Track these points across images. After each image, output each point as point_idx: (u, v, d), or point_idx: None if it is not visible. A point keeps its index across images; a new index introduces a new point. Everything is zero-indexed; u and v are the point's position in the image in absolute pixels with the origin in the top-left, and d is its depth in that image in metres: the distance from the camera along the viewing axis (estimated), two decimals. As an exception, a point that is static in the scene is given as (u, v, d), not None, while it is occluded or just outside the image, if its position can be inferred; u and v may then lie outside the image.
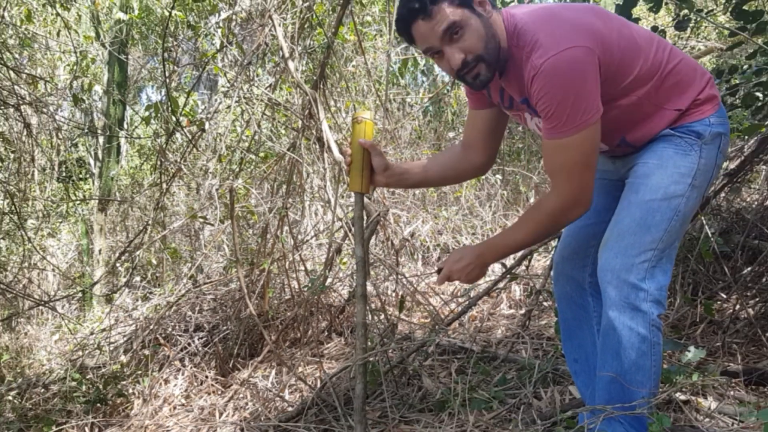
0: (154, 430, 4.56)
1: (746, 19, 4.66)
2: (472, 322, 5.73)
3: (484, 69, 2.63)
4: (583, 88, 2.49)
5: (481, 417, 3.61)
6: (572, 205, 2.70)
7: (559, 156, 2.64)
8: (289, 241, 5.93)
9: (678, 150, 2.71)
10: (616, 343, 2.72)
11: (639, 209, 2.73)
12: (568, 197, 2.68)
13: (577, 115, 2.50)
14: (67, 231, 11.66)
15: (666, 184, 2.70)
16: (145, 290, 7.74)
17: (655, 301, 2.68)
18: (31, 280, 7.96)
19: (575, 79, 2.47)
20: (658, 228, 2.68)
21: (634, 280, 2.67)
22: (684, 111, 2.72)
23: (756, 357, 3.99)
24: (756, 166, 4.42)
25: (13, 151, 6.78)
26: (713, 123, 2.72)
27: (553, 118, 2.54)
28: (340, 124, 6.28)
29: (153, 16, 11.02)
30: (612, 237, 2.77)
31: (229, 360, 5.33)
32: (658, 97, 2.70)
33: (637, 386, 2.71)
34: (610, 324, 2.73)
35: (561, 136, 2.56)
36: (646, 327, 2.67)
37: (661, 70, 2.69)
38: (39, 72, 8.38)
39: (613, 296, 2.71)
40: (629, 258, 2.68)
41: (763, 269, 4.44)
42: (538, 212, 2.79)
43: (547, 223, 2.78)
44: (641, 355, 2.70)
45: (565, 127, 2.53)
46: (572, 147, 2.57)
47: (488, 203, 9.23)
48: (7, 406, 4.99)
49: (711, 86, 2.78)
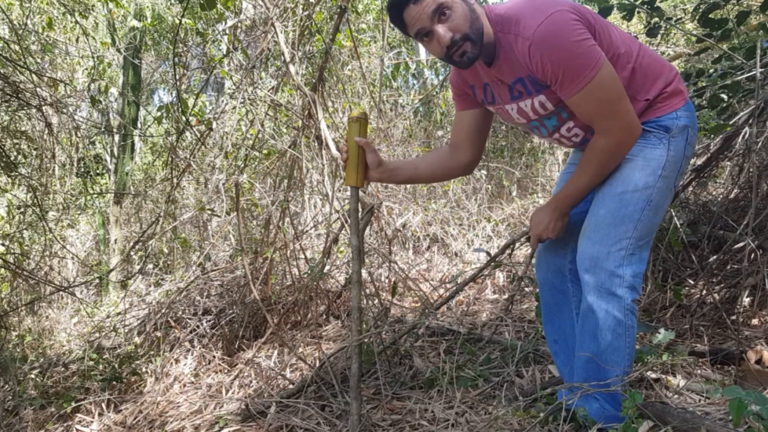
0: (165, 405, 4.54)
1: (712, 26, 4.67)
2: (459, 306, 5.72)
3: (470, 47, 2.62)
4: (579, 38, 2.48)
5: (467, 394, 3.61)
6: (624, 136, 2.65)
7: (589, 103, 2.59)
8: (290, 231, 5.92)
9: (647, 144, 2.71)
10: (594, 325, 2.72)
11: (613, 201, 2.73)
12: (616, 132, 2.63)
13: (585, 63, 2.49)
14: (85, 222, 11.63)
15: (637, 177, 2.70)
16: (157, 277, 7.72)
17: (630, 287, 2.69)
18: (52, 268, 7.92)
19: (568, 33, 2.47)
20: (632, 218, 2.69)
21: (611, 267, 2.67)
22: (652, 101, 2.72)
23: (721, 339, 3.99)
24: (721, 162, 4.41)
25: (35, 148, 6.74)
26: (680, 116, 2.72)
27: (565, 75, 2.53)
28: (337, 124, 6.27)
29: (164, 24, 10.98)
30: (589, 227, 2.78)
31: (235, 341, 5.32)
32: (629, 89, 2.68)
33: (612, 366, 2.72)
34: (589, 308, 2.73)
35: (581, 86, 2.53)
36: (621, 311, 2.68)
37: (632, 61, 2.70)
38: (59, 75, 8.33)
39: (591, 282, 2.71)
40: (606, 247, 2.69)
41: (728, 257, 4.43)
42: (595, 155, 2.72)
43: (608, 160, 2.72)
44: (617, 337, 2.70)
45: (580, 76, 2.51)
46: (596, 89, 2.53)
47: (474, 196, 9.23)
48: (30, 384, 4.98)
49: (678, 81, 2.78)
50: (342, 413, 3.61)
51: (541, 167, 10.38)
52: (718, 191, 5.46)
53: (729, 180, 5.17)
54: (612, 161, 2.72)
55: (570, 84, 2.54)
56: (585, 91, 2.54)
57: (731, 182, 4.93)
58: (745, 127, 3.83)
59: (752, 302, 4.30)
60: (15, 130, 6.03)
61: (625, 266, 2.68)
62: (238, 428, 3.80)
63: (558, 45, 2.47)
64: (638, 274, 2.72)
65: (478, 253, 7.48)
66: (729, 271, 4.49)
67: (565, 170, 3.27)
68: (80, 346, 5.70)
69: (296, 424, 3.58)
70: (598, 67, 2.49)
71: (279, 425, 3.63)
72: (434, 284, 6.29)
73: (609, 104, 2.57)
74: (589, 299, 2.74)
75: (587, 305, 2.75)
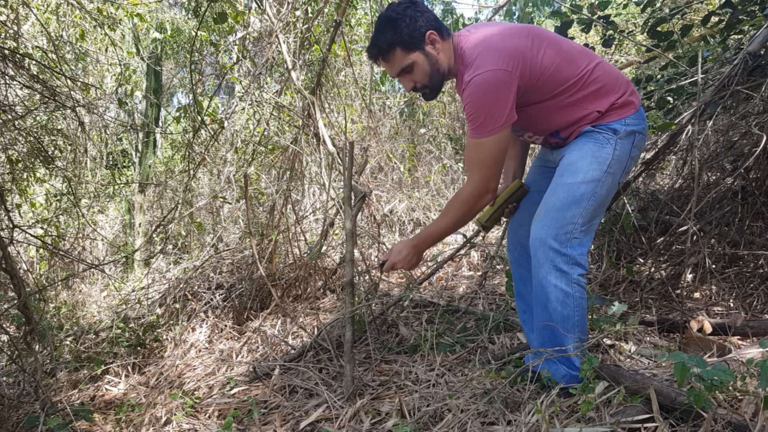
0: (183, 368, 4.52)
1: (659, 38, 4.66)
2: (439, 281, 5.71)
3: (428, 91, 2.89)
4: (496, 101, 2.60)
5: (446, 358, 3.60)
6: (481, 192, 2.82)
7: (473, 152, 2.76)
8: (292, 216, 5.90)
9: (597, 143, 2.75)
10: (545, 298, 2.75)
11: (562, 190, 2.76)
12: (478, 186, 2.80)
13: (490, 121, 2.62)
14: (113, 208, 11.58)
15: (585, 170, 2.73)
16: (176, 256, 7.67)
17: (577, 263, 2.72)
18: (84, 248, 7.88)
19: (490, 93, 2.59)
20: (578, 206, 2.71)
21: (558, 246, 2.70)
22: (604, 113, 2.76)
23: (667, 310, 3.99)
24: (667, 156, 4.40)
25: (70, 144, 6.70)
26: (629, 123, 2.76)
27: (473, 121, 2.66)
28: (333, 123, 6.24)
29: (182, 36, 10.91)
30: (541, 212, 2.81)
31: (244, 312, 5.30)
32: (583, 101, 2.75)
33: (565, 333, 2.73)
34: (539, 283, 2.77)
35: (478, 136, 2.68)
36: (569, 284, 2.71)
37: (585, 78, 2.74)
38: (91, 80, 8.26)
39: (541, 260, 2.74)
40: (554, 229, 2.71)
41: (673, 239, 4.43)
42: (457, 202, 2.90)
43: (464, 210, 2.90)
44: (565, 307, 2.73)
45: (478, 131, 2.66)
46: (483, 147, 2.70)
47: (452, 185, 9.23)
48: (66, 349, 4.96)
49: (631, 93, 2.83)
50: (337, 375, 3.60)
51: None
52: (665, 181, 5.45)
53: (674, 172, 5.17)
54: (467, 213, 2.92)
55: (470, 129, 2.70)
56: (478, 141, 2.69)
57: (676, 174, 4.93)
58: (688, 125, 3.83)
59: (694, 278, 4.30)
60: (52, 129, 5.99)
61: (570, 246, 2.70)
62: (246, 388, 3.78)
63: (477, 98, 2.62)
64: (583, 253, 2.74)
65: (455, 235, 7.46)
66: (674, 251, 4.50)
67: (534, 164, 3.28)
68: (109, 317, 5.67)
69: (297, 384, 3.56)
70: (491, 133, 2.64)
71: (282, 385, 3.62)
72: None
73: (487, 162, 2.75)
74: (540, 275, 2.76)
75: (538, 280, 2.77)
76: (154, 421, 3.51)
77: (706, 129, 3.88)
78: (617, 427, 2.22)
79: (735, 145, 4.52)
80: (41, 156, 5.04)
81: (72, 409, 3.54)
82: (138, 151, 12.00)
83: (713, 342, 3.19)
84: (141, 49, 10.61)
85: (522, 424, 2.48)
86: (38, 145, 5.00)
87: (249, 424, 3.20)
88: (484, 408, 2.72)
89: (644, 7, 4.94)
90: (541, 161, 3.23)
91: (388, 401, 3.12)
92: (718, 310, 3.84)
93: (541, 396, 2.65)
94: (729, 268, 4.26)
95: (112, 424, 3.66)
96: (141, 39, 10.57)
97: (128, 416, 3.72)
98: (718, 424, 2.08)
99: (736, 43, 4.67)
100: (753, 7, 4.26)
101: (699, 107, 3.76)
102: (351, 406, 3.09)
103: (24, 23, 6.79)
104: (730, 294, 4.04)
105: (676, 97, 4.50)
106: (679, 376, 2.06)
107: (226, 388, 3.84)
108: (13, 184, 5.49)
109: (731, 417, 2.09)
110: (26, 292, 3.78)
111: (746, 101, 4.05)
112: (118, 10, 8.09)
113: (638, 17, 8.62)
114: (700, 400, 2.05)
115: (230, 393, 3.75)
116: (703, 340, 3.24)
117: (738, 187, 4.28)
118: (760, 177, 4.19)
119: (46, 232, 6.48)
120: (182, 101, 17.76)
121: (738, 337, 3.36)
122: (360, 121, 8.12)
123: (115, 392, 4.38)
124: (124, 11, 8.31)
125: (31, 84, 4.36)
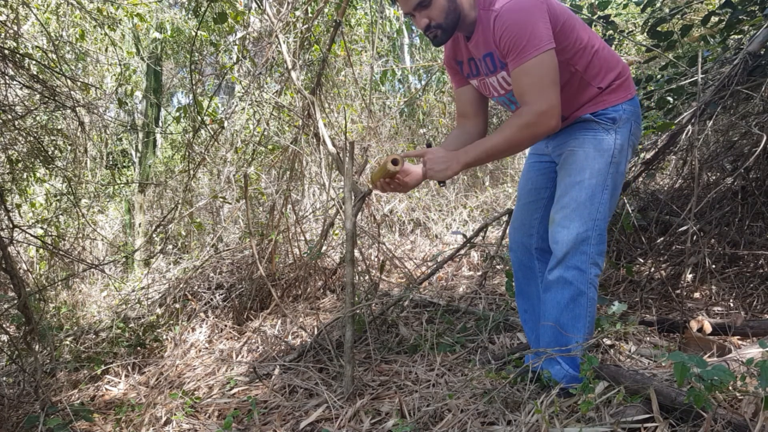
0: (183, 368, 4.52)
1: (659, 38, 4.66)
2: (439, 281, 5.71)
3: (441, 33, 2.72)
4: (535, 22, 2.50)
5: (446, 358, 3.60)
6: (544, 116, 2.55)
7: (525, 78, 2.57)
8: (292, 216, 5.90)
9: (597, 134, 2.74)
10: (561, 296, 2.73)
11: (574, 188, 2.73)
12: (539, 109, 2.54)
13: (533, 42, 2.50)
14: (113, 208, 11.59)
15: (590, 164, 2.72)
16: (176, 256, 7.68)
17: (594, 263, 2.71)
18: (84, 248, 7.88)
19: (528, 13, 2.50)
20: (593, 201, 2.69)
21: (579, 246, 2.68)
22: (603, 89, 2.75)
23: (667, 310, 3.98)
24: (667, 156, 4.40)
25: (70, 144, 6.70)
26: (625, 110, 2.76)
27: (513, 48, 2.54)
28: (333, 123, 6.24)
29: (182, 36, 10.91)
30: (557, 214, 2.77)
31: (244, 312, 5.30)
32: (586, 74, 2.74)
33: (575, 332, 2.72)
34: (556, 281, 2.74)
35: (522, 61, 2.53)
36: (585, 284, 2.68)
37: (593, 52, 2.73)
38: (91, 80, 8.26)
39: (561, 259, 2.72)
40: (574, 230, 2.69)
41: (673, 239, 4.43)
42: (517, 119, 2.58)
43: (522, 131, 2.58)
44: (580, 307, 2.71)
45: (524, 53, 2.52)
46: (534, 68, 2.53)
47: (452, 186, 9.23)
48: (65, 349, 4.96)
49: (628, 78, 2.83)
50: (337, 375, 3.60)
51: (510, 160, 10.38)
52: (665, 181, 5.45)
53: (674, 171, 5.17)
54: (526, 136, 2.60)
55: (515, 57, 2.55)
56: (524, 67, 2.54)
57: (676, 173, 4.93)
58: (688, 125, 3.82)
59: (694, 278, 4.30)
60: (52, 128, 5.99)
61: (591, 245, 2.68)
62: (246, 388, 3.78)
63: (514, 20, 2.51)
64: (602, 252, 2.73)
65: (455, 235, 7.47)
66: (674, 251, 4.50)
67: (529, 160, 3.27)
68: (109, 317, 5.67)
69: (297, 384, 3.56)
70: (543, 49, 2.50)
71: (282, 385, 3.61)
72: (417, 262, 6.28)
73: (543, 82, 2.54)
74: (557, 273, 2.73)
75: (555, 278, 2.74)
76: (154, 421, 3.51)
77: (706, 129, 3.88)
78: (617, 427, 2.22)
79: (735, 145, 4.51)
80: (41, 156, 5.04)
81: (72, 409, 3.54)
82: (138, 151, 12.01)
83: (713, 342, 3.19)
84: (141, 49, 10.62)
85: (522, 424, 2.47)
86: (38, 145, 5.00)
87: (249, 424, 3.20)
88: (484, 408, 2.71)
89: (644, 7, 4.95)
90: (534, 157, 3.18)
91: (388, 401, 3.12)
92: (718, 310, 3.83)
93: (541, 396, 2.65)
94: (729, 268, 4.26)
95: (112, 424, 3.66)
96: (141, 39, 10.58)
97: (128, 416, 3.72)
98: (718, 424, 2.07)
99: (736, 43, 4.67)
100: (753, 7, 4.26)
101: (699, 107, 3.76)
102: (351, 406, 3.09)
103: (24, 23, 6.79)
104: (730, 294, 4.04)
105: (676, 97, 4.50)
106: (679, 376, 2.06)
107: (226, 388, 3.83)
108: (13, 184, 5.49)
109: (731, 417, 2.09)
110: (26, 292, 3.79)
111: (746, 101, 4.05)
112: (118, 10, 8.10)
113: (638, 17, 8.62)
114: (700, 400, 2.05)
115: (230, 393, 3.75)
116: (703, 340, 3.24)
117: (738, 187, 4.27)
118: (760, 177, 4.18)
119: (46, 232, 6.48)
120: (182, 101, 17.81)
121: (738, 337, 3.36)
122: (360, 121, 8.12)
123: (115, 392, 4.37)
124: (124, 11, 8.32)
125: (31, 84, 4.36)
